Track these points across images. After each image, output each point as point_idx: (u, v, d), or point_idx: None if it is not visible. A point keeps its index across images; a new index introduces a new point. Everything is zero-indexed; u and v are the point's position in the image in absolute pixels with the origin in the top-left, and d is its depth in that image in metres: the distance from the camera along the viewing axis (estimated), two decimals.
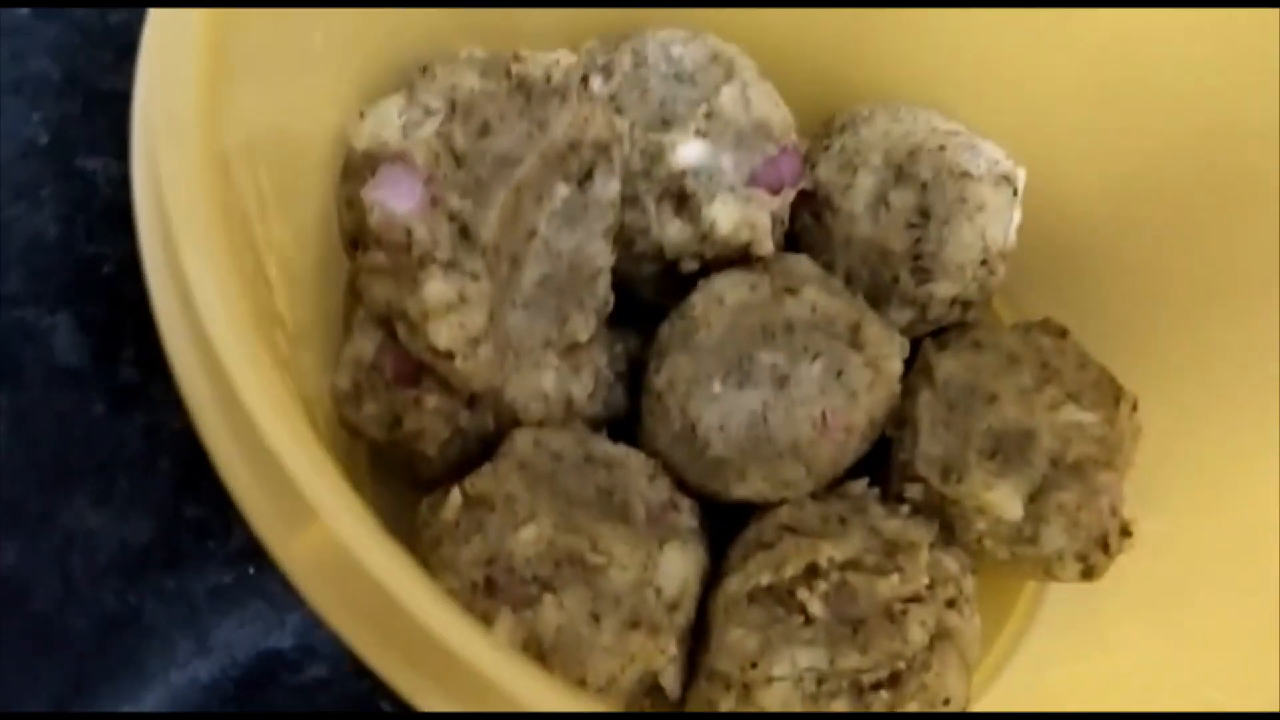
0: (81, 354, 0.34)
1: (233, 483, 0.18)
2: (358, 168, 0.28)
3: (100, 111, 0.37)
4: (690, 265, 0.33)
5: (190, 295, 0.18)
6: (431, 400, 0.30)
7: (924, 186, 0.34)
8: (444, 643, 0.16)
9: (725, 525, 0.32)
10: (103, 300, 0.35)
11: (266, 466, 0.17)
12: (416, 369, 0.30)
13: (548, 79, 0.30)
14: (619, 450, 0.31)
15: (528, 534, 0.28)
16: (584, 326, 0.32)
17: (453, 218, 0.28)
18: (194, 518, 0.33)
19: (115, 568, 0.32)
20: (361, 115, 0.28)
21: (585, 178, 0.31)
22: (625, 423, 0.33)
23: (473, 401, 0.30)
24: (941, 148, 0.34)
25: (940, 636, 0.29)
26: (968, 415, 0.32)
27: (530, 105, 0.30)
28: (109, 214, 0.36)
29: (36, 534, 0.32)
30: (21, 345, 0.34)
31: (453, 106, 0.29)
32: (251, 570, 0.32)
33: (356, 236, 0.28)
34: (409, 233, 0.27)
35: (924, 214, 0.34)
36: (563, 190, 0.31)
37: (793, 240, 0.36)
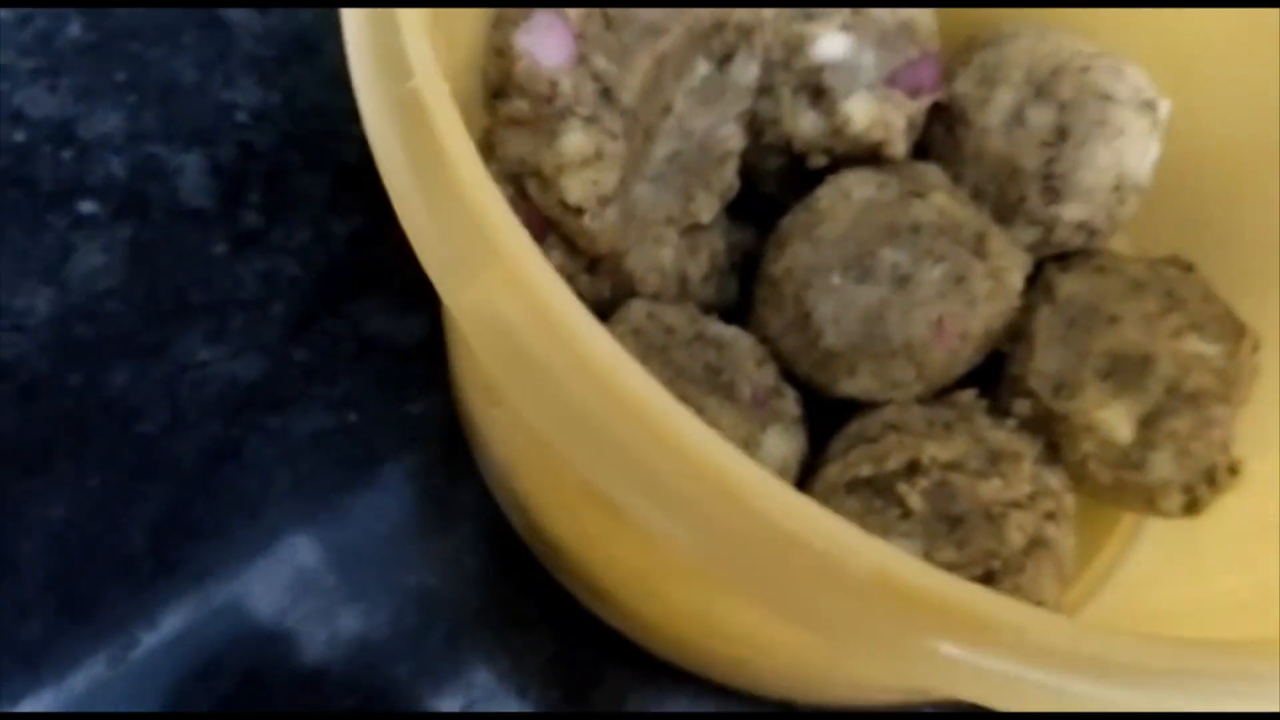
0: (207, 195, 0.36)
1: (410, 225, 0.19)
2: (512, 15, 0.29)
3: None
4: (819, 160, 0.34)
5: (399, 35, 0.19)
6: (554, 258, 0.31)
7: (1063, 106, 0.34)
8: (619, 393, 0.18)
9: (827, 423, 0.33)
10: (233, 146, 0.37)
11: (449, 208, 0.19)
12: (543, 226, 0.31)
13: None
14: (730, 331, 0.32)
15: None
16: (707, 207, 0.33)
17: (597, 77, 0.29)
18: (302, 361, 0.35)
19: (222, 401, 0.34)
20: None
21: (726, 59, 0.32)
22: (734, 314, 0.35)
23: (593, 266, 0.32)
24: (1085, 69, 0.35)
25: (1037, 543, 0.30)
26: (1087, 334, 0.33)
27: None
28: (247, 64, 0.38)
29: (149, 362, 0.34)
30: (150, 181, 0.36)
31: None
32: (352, 417, 0.34)
33: (501, 85, 0.30)
34: (554, 84, 0.29)
35: (1061, 134, 0.34)
36: (703, 68, 0.32)
37: (921, 151, 0.37)
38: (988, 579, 0.29)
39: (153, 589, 0.32)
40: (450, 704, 0.32)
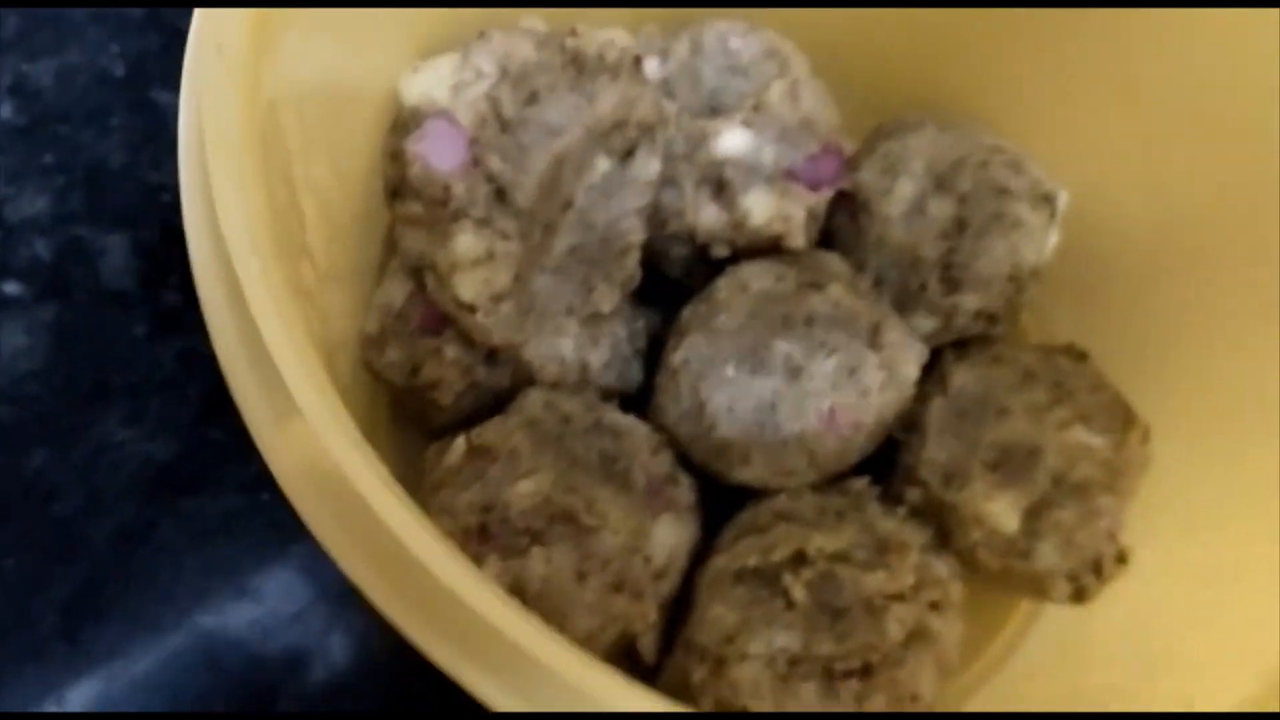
0: (130, 277, 0.37)
1: (229, 370, 0.20)
2: (404, 121, 0.30)
3: (178, 48, 0.39)
4: (721, 251, 0.35)
5: (213, 196, 0.21)
6: (451, 351, 0.32)
7: (963, 199, 0.35)
8: (405, 546, 0.19)
9: (723, 507, 0.34)
10: (157, 227, 0.38)
11: (261, 360, 0.20)
12: (441, 320, 0.32)
13: (601, 56, 0.32)
14: (627, 420, 0.33)
15: (525, 487, 0.30)
16: (608, 298, 0.34)
17: (491, 179, 0.30)
18: (216, 441, 0.36)
19: (137, 483, 0.35)
20: (415, 70, 0.31)
21: (627, 155, 0.33)
22: (637, 400, 0.36)
23: (491, 357, 0.33)
24: (985, 163, 0.36)
25: (918, 636, 0.31)
26: (977, 425, 0.34)
27: (581, 79, 0.32)
28: (174, 147, 0.39)
29: (67, 444, 0.35)
30: (74, 263, 0.37)
31: (504, 72, 0.31)
32: (265, 496, 0.35)
33: (397, 187, 0.31)
34: (447, 188, 0.30)
35: (960, 225, 0.35)
36: (603, 164, 0.33)
37: (827, 239, 0.38)
38: (865, 671, 0.30)
39: (63, 668, 0.32)
40: None
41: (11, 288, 0.36)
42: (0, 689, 0.32)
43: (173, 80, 0.40)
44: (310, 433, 0.19)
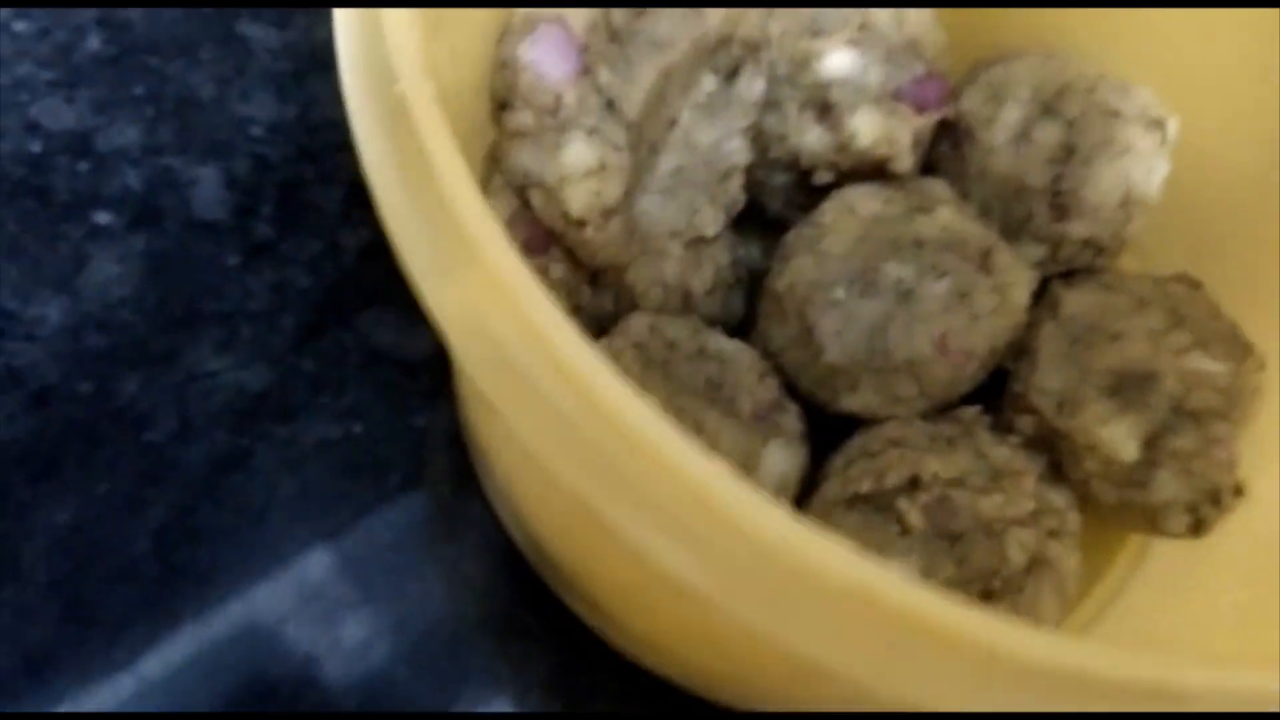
0: (221, 208, 0.37)
1: (393, 223, 0.19)
2: (517, 27, 0.30)
3: None
4: (825, 176, 0.34)
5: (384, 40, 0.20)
6: (557, 271, 0.31)
7: (1070, 124, 0.35)
8: (593, 400, 0.18)
9: (830, 437, 0.33)
10: (247, 159, 0.37)
11: (430, 210, 0.19)
12: (546, 240, 0.31)
13: None
14: (732, 345, 0.33)
15: None
16: (712, 221, 0.33)
17: (601, 90, 0.30)
18: (309, 372, 0.35)
19: (230, 410, 0.34)
20: None
21: (732, 74, 0.33)
22: (739, 329, 0.35)
23: (595, 279, 0.32)
24: (1092, 88, 0.35)
25: (1038, 562, 0.30)
26: (1090, 351, 0.33)
27: None
28: (263, 79, 0.39)
29: (159, 371, 0.34)
30: (165, 193, 0.37)
31: None
32: (358, 428, 0.35)
33: (506, 97, 0.30)
34: (558, 97, 0.29)
35: (1067, 151, 0.35)
36: (708, 83, 0.33)
37: (929, 169, 0.37)
38: (987, 597, 0.29)
39: (158, 594, 0.32)
40: (448, 708, 0.32)
41: (103, 216, 0.36)
42: (97, 609, 0.31)
43: (261, 13, 0.40)
44: (492, 286, 0.18)
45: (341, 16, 0.21)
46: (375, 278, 0.36)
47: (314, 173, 0.38)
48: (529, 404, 0.19)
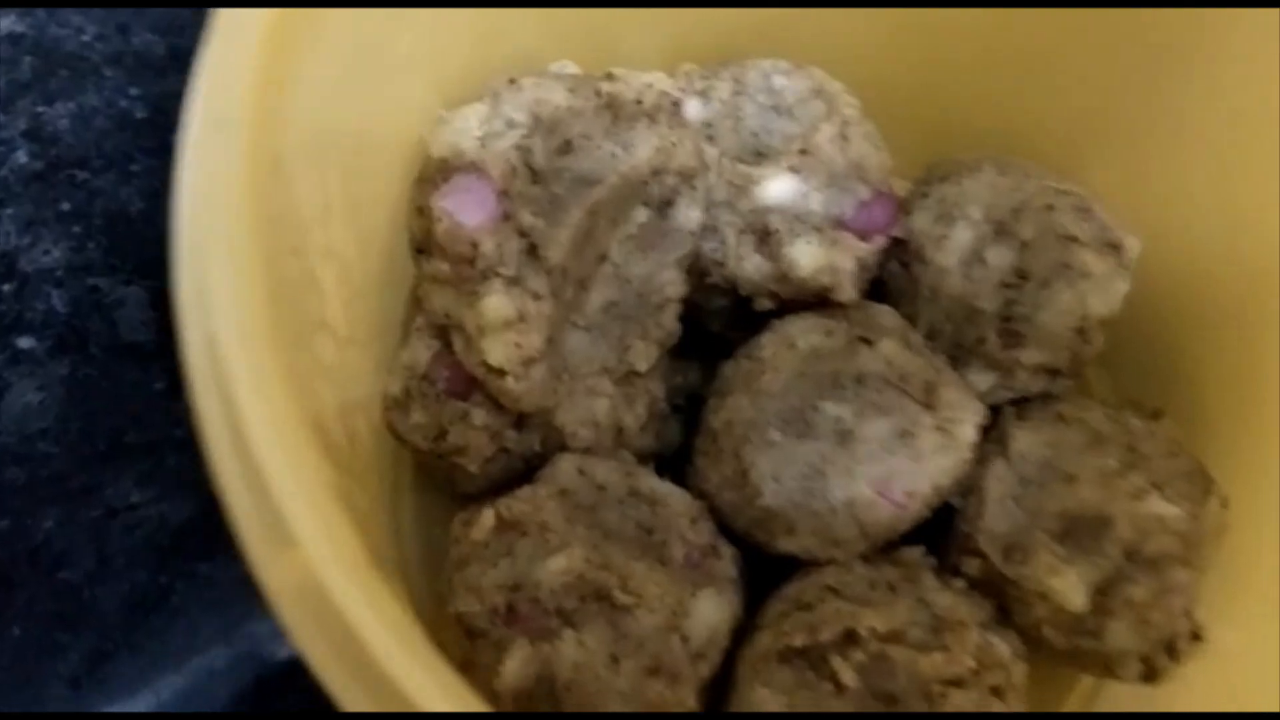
0: (147, 329, 0.36)
1: (229, 498, 0.19)
2: (431, 175, 0.29)
3: None
4: (765, 304, 0.33)
5: (209, 304, 0.19)
6: (479, 416, 0.31)
7: (1025, 246, 0.34)
8: (402, 689, 0.17)
9: (766, 577, 0.32)
10: None
11: (257, 485, 0.18)
12: (469, 383, 0.31)
13: (639, 100, 0.31)
14: (665, 487, 0.32)
15: (557, 564, 0.28)
16: (644, 356, 0.32)
17: (522, 234, 0.29)
18: None
19: (151, 547, 0.34)
20: (442, 120, 0.30)
21: (666, 205, 0.32)
22: (675, 459, 0.34)
23: (521, 421, 0.31)
24: (1050, 207, 0.34)
25: None
26: (1041, 492, 0.32)
27: (617, 126, 0.31)
28: None
29: (78, 506, 0.34)
30: (90, 315, 0.36)
31: (536, 121, 0.30)
32: None
33: (423, 244, 0.29)
34: (475, 245, 0.28)
35: (1021, 275, 0.33)
36: (641, 215, 0.32)
37: (878, 287, 0.36)
38: None
39: None
40: None
41: (25, 342, 0.35)
42: None
43: None
44: (309, 564, 0.17)
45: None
46: None
47: None
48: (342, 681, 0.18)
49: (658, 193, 0.32)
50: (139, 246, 0.37)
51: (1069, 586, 0.31)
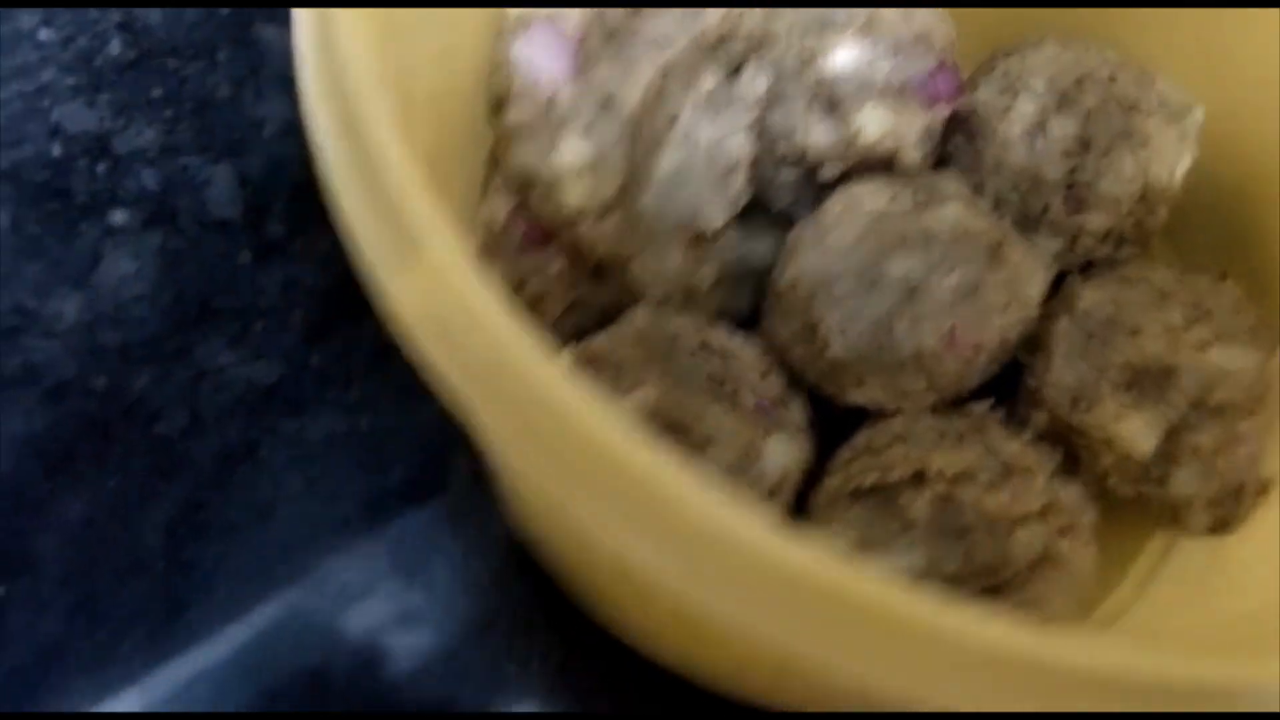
0: (234, 206, 0.37)
1: (348, 215, 0.20)
2: (511, 27, 0.30)
3: None
4: (832, 171, 0.34)
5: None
6: (557, 265, 0.32)
7: (1087, 116, 0.34)
8: (533, 383, 0.18)
9: (838, 430, 0.33)
10: (261, 158, 0.38)
11: (382, 200, 0.19)
12: (545, 235, 0.32)
13: None
14: (736, 340, 0.32)
15: (635, 399, 0.29)
16: (714, 217, 0.33)
17: (597, 87, 0.30)
18: (318, 367, 0.36)
19: (240, 405, 0.35)
20: None
21: (735, 70, 0.33)
22: (745, 324, 0.35)
23: (597, 273, 0.32)
24: (1112, 78, 0.34)
25: (1047, 559, 0.29)
26: (1106, 346, 0.32)
27: None
28: (277, 81, 0.39)
29: (171, 367, 0.35)
30: (180, 193, 0.37)
31: None
32: (366, 422, 0.35)
33: (501, 96, 0.31)
34: (552, 94, 0.29)
35: (1084, 144, 0.34)
36: (710, 79, 0.32)
37: (943, 161, 0.36)
38: (993, 592, 0.29)
39: (165, 586, 0.33)
40: (454, 707, 0.32)
41: (119, 216, 0.37)
42: (104, 603, 0.32)
43: (276, 15, 0.41)
44: (439, 274, 0.18)
45: (300, 17, 0.21)
46: None
47: None
48: (486, 398, 0.19)
49: (726, 58, 0.32)
50: (226, 129, 0.38)
51: (1135, 431, 0.31)
